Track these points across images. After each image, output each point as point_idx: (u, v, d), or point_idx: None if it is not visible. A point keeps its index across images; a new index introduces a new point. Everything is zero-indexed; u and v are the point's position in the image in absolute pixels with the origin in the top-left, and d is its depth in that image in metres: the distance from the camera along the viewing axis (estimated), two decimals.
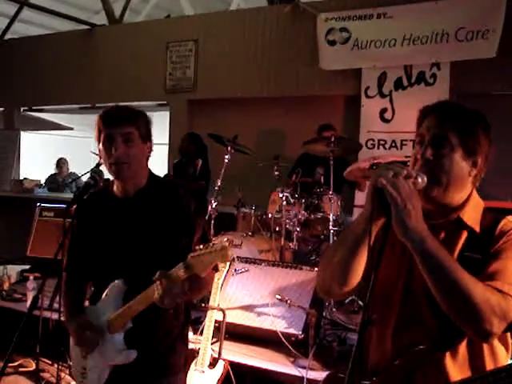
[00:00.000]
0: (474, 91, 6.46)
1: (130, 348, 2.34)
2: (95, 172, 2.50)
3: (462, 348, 1.69)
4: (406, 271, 1.78)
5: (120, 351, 2.33)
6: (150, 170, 2.54)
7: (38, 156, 12.11)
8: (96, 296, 2.50)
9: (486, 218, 1.78)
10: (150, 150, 2.48)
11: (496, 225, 1.74)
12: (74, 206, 2.41)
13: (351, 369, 1.49)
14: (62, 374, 4.72)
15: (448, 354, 1.68)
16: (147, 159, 2.49)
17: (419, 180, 1.64)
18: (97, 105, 10.51)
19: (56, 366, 4.72)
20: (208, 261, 2.03)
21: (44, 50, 10.23)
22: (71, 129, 12.31)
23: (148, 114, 8.05)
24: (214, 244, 2.04)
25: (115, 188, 2.49)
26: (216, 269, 2.48)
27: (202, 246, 2.06)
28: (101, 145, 2.39)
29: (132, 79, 9.11)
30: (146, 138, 2.42)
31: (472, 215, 1.77)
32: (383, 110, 6.88)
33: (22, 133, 11.27)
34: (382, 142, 6.87)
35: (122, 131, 2.33)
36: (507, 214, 1.82)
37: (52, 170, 10.70)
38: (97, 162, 5.89)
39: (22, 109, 11.29)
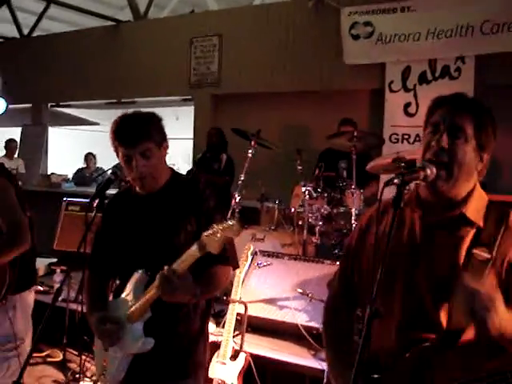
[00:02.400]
0: (499, 84, 6.41)
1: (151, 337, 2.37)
2: (116, 167, 2.54)
3: (468, 344, 1.69)
4: (410, 261, 1.78)
5: (138, 339, 2.35)
6: (170, 167, 2.58)
7: (65, 151, 12.28)
8: (120, 289, 2.55)
9: (491, 212, 1.76)
10: (167, 148, 2.51)
11: (504, 218, 1.72)
12: (96, 201, 2.45)
13: (359, 362, 1.52)
14: (88, 365, 4.82)
15: (455, 351, 1.69)
16: (165, 157, 2.53)
17: (428, 171, 1.66)
18: (122, 100, 10.66)
19: (82, 356, 4.83)
20: (220, 237, 2.07)
21: (70, 47, 10.38)
22: (97, 124, 12.45)
23: (173, 109, 8.17)
24: (224, 221, 2.09)
25: (137, 188, 2.54)
26: (236, 265, 2.54)
27: (214, 225, 2.09)
28: (120, 160, 2.45)
29: (157, 74, 9.20)
30: (161, 142, 2.45)
31: (476, 210, 1.75)
32: (407, 105, 6.85)
33: (50, 128, 11.44)
34: (405, 137, 6.85)
35: (139, 150, 2.37)
36: None
37: (79, 165, 10.84)
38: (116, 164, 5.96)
39: (49, 104, 11.47)
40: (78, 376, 4.59)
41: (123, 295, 2.44)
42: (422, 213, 1.80)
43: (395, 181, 1.68)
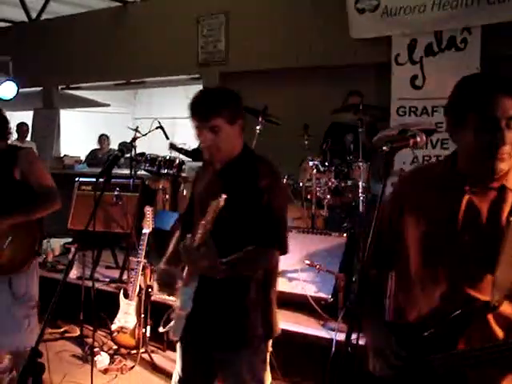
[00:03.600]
0: (507, 55, 6.32)
1: (198, 306, 2.53)
2: (123, 145, 2.64)
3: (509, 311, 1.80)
4: (454, 230, 1.84)
5: (183, 300, 2.57)
6: (244, 143, 2.70)
7: (77, 133, 12.36)
8: None
9: None
10: (241, 126, 2.62)
11: None
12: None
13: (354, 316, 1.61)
14: (105, 340, 4.97)
15: (496, 315, 1.79)
16: (240, 133, 2.65)
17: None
18: (131, 81, 10.71)
19: (98, 332, 4.98)
20: (210, 209, 2.25)
21: (78, 29, 10.41)
22: (108, 105, 12.50)
23: (183, 87, 8.25)
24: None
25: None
26: (284, 250, 2.58)
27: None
28: (194, 129, 2.59)
29: (165, 54, 9.19)
30: (234, 120, 2.56)
31: None
32: (414, 77, 6.80)
33: (62, 111, 11.54)
34: (413, 109, 6.83)
35: (208, 125, 2.51)
36: None
37: (91, 147, 10.94)
38: (133, 136, 6.08)
39: (59, 87, 11.53)
40: (95, 350, 4.74)
41: None
42: (463, 184, 1.85)
43: (384, 148, 1.74)
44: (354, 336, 1.81)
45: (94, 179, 6.17)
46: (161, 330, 3.02)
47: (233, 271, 2.42)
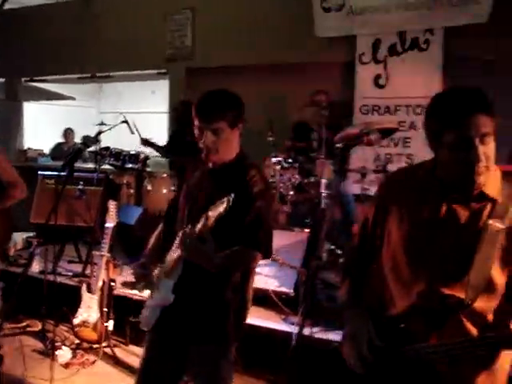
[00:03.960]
0: (467, 56, 6.44)
1: (179, 297, 2.58)
2: (87, 138, 2.66)
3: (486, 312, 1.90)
4: (435, 233, 1.92)
5: (164, 292, 2.62)
6: (240, 148, 2.75)
7: (42, 126, 12.22)
8: None
9: (505, 185, 1.90)
10: (240, 130, 2.68)
11: None
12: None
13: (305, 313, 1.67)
14: (67, 334, 4.96)
15: (469, 313, 1.87)
16: (239, 137, 2.71)
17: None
18: (97, 74, 10.64)
19: (60, 326, 4.95)
20: (214, 212, 2.32)
21: (43, 20, 10.29)
22: (73, 99, 12.39)
23: (149, 82, 8.22)
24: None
25: None
26: (268, 254, 2.65)
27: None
28: (196, 128, 2.65)
29: (132, 48, 9.18)
30: (235, 124, 2.62)
31: (493, 187, 1.89)
32: (377, 76, 6.94)
33: (26, 103, 11.41)
34: (376, 108, 6.96)
35: (211, 127, 2.57)
36: None
37: (55, 140, 10.83)
38: (97, 131, 6.05)
39: (23, 79, 11.39)
40: (56, 344, 4.72)
41: (169, 252, 2.67)
42: (444, 190, 1.92)
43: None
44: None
45: (56, 172, 6.13)
46: (131, 319, 3.06)
47: (221, 266, 2.50)
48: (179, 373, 2.81)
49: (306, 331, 4.10)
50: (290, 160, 5.57)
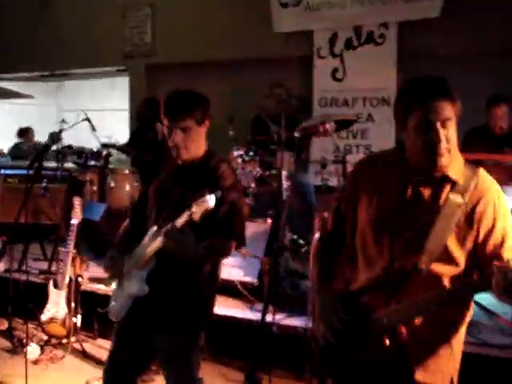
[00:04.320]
0: (422, 50, 6.69)
1: (151, 288, 2.69)
2: (53, 135, 2.73)
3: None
4: (399, 213, 2.08)
5: (138, 284, 2.72)
6: (207, 145, 2.86)
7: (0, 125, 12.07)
8: None
9: (466, 169, 2.06)
10: (207, 126, 2.80)
11: (475, 173, 2.05)
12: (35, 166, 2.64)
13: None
14: (35, 332, 4.98)
15: (425, 278, 2.02)
16: (206, 134, 2.83)
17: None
18: (56, 72, 10.57)
19: (27, 324, 4.96)
20: (198, 209, 2.41)
21: (1, 16, 10.22)
22: (32, 97, 12.25)
23: (110, 79, 8.20)
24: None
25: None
26: (241, 243, 2.78)
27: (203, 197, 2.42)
28: (165, 127, 2.76)
29: (90, 46, 9.18)
30: (202, 121, 2.74)
31: (456, 170, 2.05)
32: (335, 70, 7.13)
33: None
34: (334, 101, 7.14)
35: (179, 125, 2.68)
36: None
37: (15, 140, 10.69)
38: (59, 128, 6.06)
39: None
40: (23, 342, 4.76)
41: (140, 245, 2.77)
42: (410, 173, 2.08)
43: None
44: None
45: (19, 171, 6.14)
46: (100, 310, 3.14)
47: (203, 256, 2.64)
48: (147, 361, 2.92)
49: (271, 318, 4.25)
50: (250, 153, 5.67)
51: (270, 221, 5.11)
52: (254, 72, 7.63)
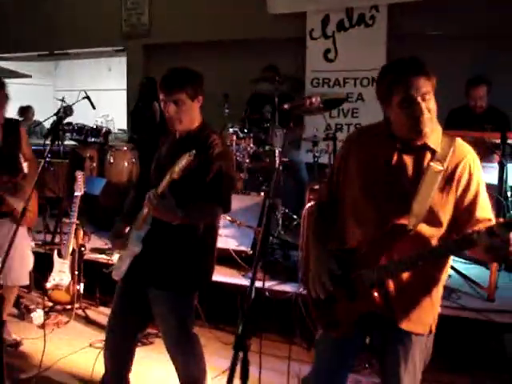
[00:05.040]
0: (411, 32, 6.91)
1: (145, 247, 2.96)
2: (66, 108, 2.96)
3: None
4: (385, 178, 2.33)
5: (134, 242, 2.99)
6: (202, 118, 3.11)
7: None
8: None
9: (444, 140, 2.32)
10: (200, 102, 3.04)
11: (452, 143, 2.31)
12: (50, 138, 2.87)
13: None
14: (39, 300, 5.20)
15: (412, 237, 2.27)
16: (199, 109, 3.07)
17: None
18: (55, 52, 10.70)
19: (32, 292, 5.19)
20: (178, 165, 2.64)
21: None
22: (30, 76, 12.39)
23: (107, 59, 8.39)
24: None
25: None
26: (227, 208, 3.00)
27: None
28: (161, 101, 3.01)
29: (89, 26, 9.32)
30: (195, 96, 2.98)
31: (435, 140, 2.31)
32: (327, 51, 7.33)
33: None
34: (326, 81, 7.34)
35: (172, 98, 2.93)
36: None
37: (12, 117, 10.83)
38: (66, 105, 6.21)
39: None
40: (30, 308, 5.01)
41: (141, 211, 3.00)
42: (395, 143, 2.33)
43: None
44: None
45: None
46: (104, 270, 3.37)
47: (185, 219, 2.82)
48: (145, 320, 3.18)
49: (265, 284, 4.52)
50: (245, 130, 5.90)
51: (262, 194, 5.35)
52: (250, 52, 7.85)
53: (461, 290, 4.47)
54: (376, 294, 2.31)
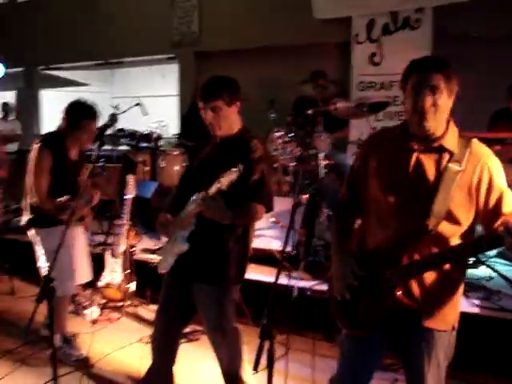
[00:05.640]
0: (457, 34, 6.88)
1: (191, 245, 3.13)
2: (113, 115, 3.18)
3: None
4: (405, 179, 2.40)
5: (180, 242, 3.16)
6: (241, 123, 3.28)
7: (57, 112, 12.63)
8: None
9: (460, 141, 2.38)
10: (238, 107, 3.21)
11: (468, 144, 2.37)
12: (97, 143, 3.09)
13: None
14: (93, 297, 5.44)
15: (433, 237, 2.34)
16: (238, 113, 3.24)
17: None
18: (110, 60, 11.10)
19: (86, 291, 5.42)
20: (225, 179, 2.81)
21: (58, 10, 10.82)
22: (87, 84, 12.83)
23: (159, 67, 8.68)
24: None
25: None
26: (269, 208, 3.16)
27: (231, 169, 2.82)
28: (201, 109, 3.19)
29: (141, 35, 9.67)
30: (231, 102, 3.15)
31: (451, 141, 2.38)
32: (372, 55, 7.38)
33: (43, 91, 11.87)
34: (372, 84, 7.39)
35: (209, 106, 3.11)
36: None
37: None
38: (112, 112, 6.53)
39: (39, 68, 11.88)
40: (84, 304, 5.27)
41: (183, 210, 3.18)
42: (413, 144, 2.40)
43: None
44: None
45: None
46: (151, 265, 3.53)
47: (234, 219, 3.02)
48: (189, 313, 3.35)
49: (307, 284, 4.65)
50: (290, 134, 6.01)
51: (306, 196, 5.46)
52: (297, 57, 7.96)
53: (503, 291, 4.48)
54: (400, 293, 2.37)
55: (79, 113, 4.31)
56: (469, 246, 2.31)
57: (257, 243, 4.98)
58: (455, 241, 2.37)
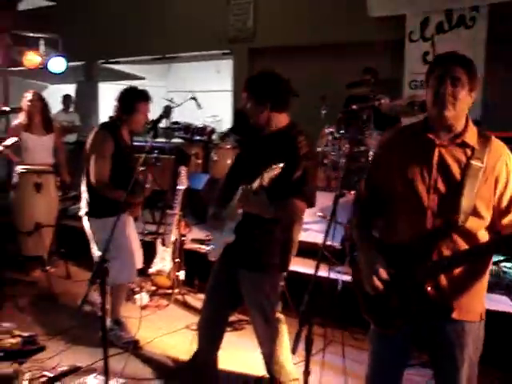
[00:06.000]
0: (510, 32, 6.78)
1: (237, 235, 3.25)
2: (167, 108, 3.32)
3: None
4: (429, 173, 2.43)
5: (229, 232, 3.29)
6: (289, 119, 3.37)
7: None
8: None
9: (480, 138, 2.43)
10: (267, 106, 3.26)
11: (488, 141, 2.42)
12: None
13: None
14: (143, 284, 5.61)
15: (462, 232, 2.39)
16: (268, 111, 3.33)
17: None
18: (166, 55, 11.35)
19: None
20: (267, 175, 2.90)
21: (118, 6, 11.18)
22: (144, 78, 13.10)
23: (214, 62, 8.85)
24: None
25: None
26: (311, 204, 3.23)
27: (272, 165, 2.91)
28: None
29: (197, 31, 9.87)
30: (261, 100, 3.24)
31: (471, 137, 2.43)
32: (426, 53, 7.34)
33: (101, 84, 12.21)
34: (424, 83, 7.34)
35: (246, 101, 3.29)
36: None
37: None
38: (166, 104, 6.70)
39: (99, 62, 12.25)
40: (135, 290, 5.43)
41: (231, 202, 3.30)
42: (435, 139, 2.44)
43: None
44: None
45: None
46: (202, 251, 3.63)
47: (275, 213, 3.13)
48: (237, 296, 3.42)
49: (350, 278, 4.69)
50: (341, 131, 6.07)
51: (353, 192, 5.50)
52: (348, 54, 8.01)
53: None
54: (429, 288, 2.39)
55: (132, 96, 4.44)
56: (501, 241, 2.36)
57: (304, 237, 5.01)
58: (481, 234, 2.42)
